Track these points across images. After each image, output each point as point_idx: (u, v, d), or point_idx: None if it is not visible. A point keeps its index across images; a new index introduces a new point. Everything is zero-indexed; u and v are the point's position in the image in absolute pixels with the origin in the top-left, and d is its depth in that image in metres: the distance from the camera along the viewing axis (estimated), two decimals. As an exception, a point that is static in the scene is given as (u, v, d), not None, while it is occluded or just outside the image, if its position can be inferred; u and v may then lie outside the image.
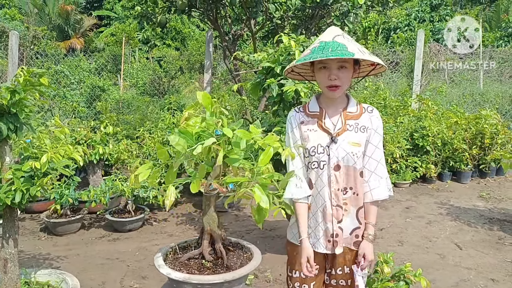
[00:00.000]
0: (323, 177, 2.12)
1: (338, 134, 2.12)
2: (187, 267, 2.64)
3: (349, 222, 2.15)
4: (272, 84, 3.83)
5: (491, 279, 3.89)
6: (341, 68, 2.03)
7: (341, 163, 2.10)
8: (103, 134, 5.61)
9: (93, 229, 5.18)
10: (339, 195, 2.12)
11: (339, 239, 2.14)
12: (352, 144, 2.10)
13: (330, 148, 2.11)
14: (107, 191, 4.80)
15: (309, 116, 2.20)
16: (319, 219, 2.14)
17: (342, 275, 2.20)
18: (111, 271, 4.12)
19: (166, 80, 12.90)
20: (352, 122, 2.13)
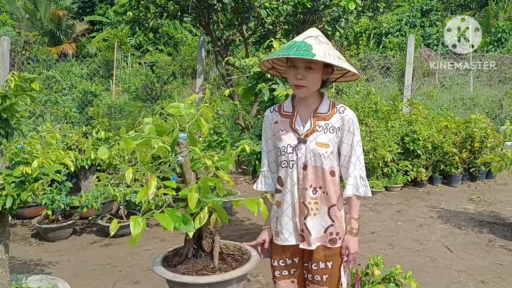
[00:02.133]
0: (293, 176, 2.20)
1: (306, 135, 2.17)
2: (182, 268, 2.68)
3: (320, 220, 2.21)
4: (263, 88, 3.85)
5: (481, 281, 3.93)
6: (308, 68, 2.08)
7: (308, 163, 2.17)
8: (95, 140, 5.60)
9: (85, 235, 5.17)
10: (305, 193, 2.19)
11: (306, 235, 2.20)
12: (319, 145, 2.15)
13: (299, 148, 2.18)
14: (98, 196, 4.80)
15: (283, 116, 2.27)
16: (290, 215, 2.23)
17: (318, 270, 2.24)
18: (102, 276, 4.12)
19: (159, 85, 12.91)
20: (322, 123, 2.18)
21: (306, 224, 2.20)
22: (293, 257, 2.31)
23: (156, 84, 12.93)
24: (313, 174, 2.18)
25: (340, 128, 2.18)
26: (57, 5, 22.40)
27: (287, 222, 2.25)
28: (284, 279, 2.35)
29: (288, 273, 2.34)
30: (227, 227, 5.34)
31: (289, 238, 2.25)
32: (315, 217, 2.20)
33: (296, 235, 2.25)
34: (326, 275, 2.24)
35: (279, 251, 2.33)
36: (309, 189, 2.19)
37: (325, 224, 2.21)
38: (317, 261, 2.24)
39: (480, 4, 23.47)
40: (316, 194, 2.19)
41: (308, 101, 2.22)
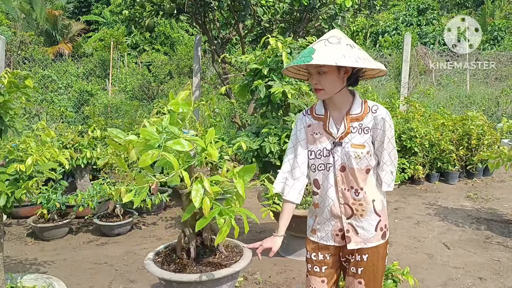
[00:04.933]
0: (330, 178, 2.21)
1: (341, 137, 2.17)
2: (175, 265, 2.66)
3: (369, 219, 2.22)
4: (259, 86, 3.84)
5: (479, 278, 3.92)
6: (320, 73, 2.08)
7: (346, 165, 2.17)
8: (91, 138, 5.57)
9: (81, 234, 5.14)
10: (347, 194, 2.19)
11: (352, 235, 2.22)
12: (355, 147, 2.14)
13: (335, 151, 2.18)
14: (95, 195, 4.77)
15: (315, 119, 2.26)
16: (327, 216, 2.25)
17: (353, 262, 2.27)
18: (99, 275, 4.09)
19: (155, 85, 12.86)
20: (356, 124, 2.16)
21: (352, 224, 2.22)
22: (325, 253, 2.32)
23: (152, 84, 12.89)
24: (351, 175, 2.17)
25: (373, 127, 2.15)
26: (53, 5, 22.33)
27: (324, 222, 2.28)
28: (315, 276, 2.35)
29: (319, 270, 2.34)
30: (224, 226, 5.31)
31: (325, 238, 2.29)
32: (363, 218, 2.21)
33: (332, 236, 2.27)
34: (361, 267, 2.24)
35: (312, 245, 2.35)
36: (351, 190, 2.19)
37: (375, 222, 2.22)
38: (352, 253, 2.26)
39: (476, 3, 23.52)
40: (359, 195, 2.19)
41: (338, 102, 2.19)
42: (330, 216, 2.25)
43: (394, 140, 2.19)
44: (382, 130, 2.13)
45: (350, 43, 2.05)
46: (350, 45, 2.05)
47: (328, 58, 1.96)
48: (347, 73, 2.12)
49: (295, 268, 4.17)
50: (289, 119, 3.83)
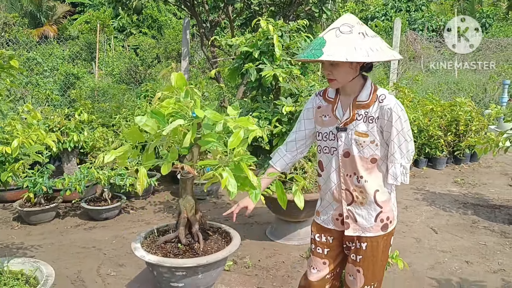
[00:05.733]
0: (333, 162, 2.23)
1: (346, 123, 2.16)
2: (163, 250, 2.60)
3: (368, 209, 2.21)
4: (250, 69, 3.79)
5: (466, 261, 3.97)
6: (332, 64, 2.06)
7: (350, 150, 2.17)
8: (78, 122, 5.49)
9: (68, 218, 5.08)
10: (348, 180, 2.20)
11: (351, 222, 2.24)
12: (358, 135, 2.14)
13: (339, 135, 2.18)
14: (82, 179, 4.71)
15: (326, 101, 2.27)
16: (329, 200, 2.29)
17: (353, 249, 2.28)
18: (87, 259, 4.06)
19: (143, 69, 12.69)
20: (362, 112, 2.14)
21: (352, 211, 2.23)
22: (327, 235, 2.35)
23: (140, 67, 12.71)
24: (355, 162, 2.16)
25: (379, 118, 2.12)
26: (37, -14, 21.82)
27: (327, 205, 2.32)
28: (317, 257, 2.39)
29: (321, 251, 2.37)
30: (213, 210, 5.30)
31: (326, 221, 2.33)
32: (363, 206, 2.21)
33: (333, 219, 2.30)
34: (360, 256, 2.25)
35: (316, 227, 2.40)
36: (353, 177, 2.19)
37: (374, 212, 2.21)
38: (352, 240, 2.28)
39: (465, -10, 23.50)
40: (360, 182, 2.18)
41: (349, 89, 2.17)
42: (332, 200, 2.28)
43: (410, 133, 2.14)
44: (388, 121, 2.10)
45: (362, 31, 2.01)
46: (363, 33, 2.00)
47: (338, 53, 1.93)
48: (360, 63, 2.09)
49: (284, 252, 4.18)
50: (279, 103, 3.80)
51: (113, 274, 3.78)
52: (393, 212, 2.27)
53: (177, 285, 2.58)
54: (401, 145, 2.12)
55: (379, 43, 2.01)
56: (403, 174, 2.16)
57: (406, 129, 2.12)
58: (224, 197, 5.76)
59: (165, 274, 2.53)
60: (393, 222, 2.28)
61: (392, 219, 2.27)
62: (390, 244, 2.32)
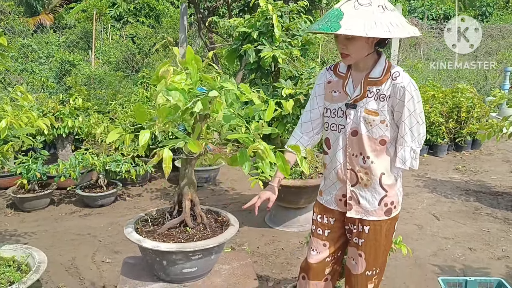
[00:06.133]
0: (340, 141, 2.13)
1: (356, 100, 2.05)
2: (171, 237, 2.46)
3: (373, 191, 2.12)
4: (249, 50, 3.67)
5: (469, 248, 3.89)
6: (348, 38, 1.93)
7: (358, 129, 2.06)
8: (72, 107, 5.37)
9: (63, 205, 4.98)
10: (354, 160, 2.10)
11: (354, 203, 2.15)
12: (368, 113, 2.03)
13: (348, 113, 2.08)
14: (77, 165, 4.60)
15: (337, 76, 2.16)
16: (333, 179, 2.19)
17: (356, 232, 2.19)
18: (81, 246, 3.97)
19: (140, 57, 12.54)
20: (374, 89, 2.03)
21: (355, 192, 2.14)
22: (329, 217, 2.26)
23: (137, 56, 12.56)
24: (362, 141, 2.06)
25: (391, 96, 2.00)
26: (33, -26, 21.53)
27: (330, 185, 2.23)
28: (317, 238, 2.30)
29: (322, 232, 2.29)
30: (211, 197, 5.21)
31: (329, 201, 2.24)
32: (367, 188, 2.12)
33: (336, 200, 2.21)
34: (362, 239, 2.17)
35: (318, 207, 2.31)
36: (359, 157, 2.09)
37: (379, 196, 2.12)
38: (354, 223, 2.19)
39: (465, -22, 23.30)
40: (366, 163, 2.08)
41: (361, 64, 2.06)
42: (336, 179, 2.19)
43: (423, 115, 2.03)
44: (400, 100, 1.98)
45: (382, 4, 1.88)
46: (382, 6, 1.88)
47: (357, 27, 1.81)
48: (376, 38, 1.97)
49: (283, 239, 4.09)
50: (279, 86, 3.68)
51: (108, 261, 3.70)
52: (398, 197, 2.18)
53: (190, 270, 2.47)
54: (413, 127, 2.02)
55: (399, 18, 1.90)
56: (413, 158, 2.06)
57: (419, 110, 2.01)
58: (222, 184, 5.66)
59: (179, 261, 2.40)
60: (397, 207, 2.18)
61: (397, 204, 2.17)
62: (394, 229, 2.23)
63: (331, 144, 2.17)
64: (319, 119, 2.25)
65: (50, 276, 3.46)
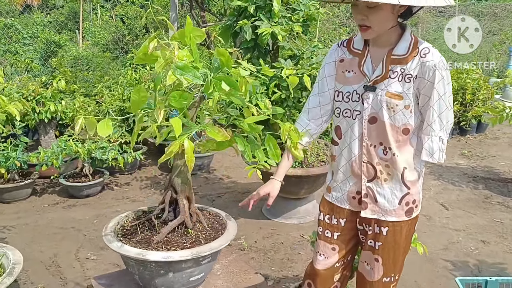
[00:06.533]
0: (355, 129, 1.83)
1: (376, 81, 1.74)
2: (173, 243, 2.12)
3: (393, 188, 1.82)
4: (245, 26, 3.33)
5: (482, 241, 3.62)
6: (370, 7, 1.61)
7: (377, 116, 1.75)
8: (55, 90, 5.00)
9: (46, 195, 4.66)
10: (373, 152, 1.80)
11: (369, 201, 1.85)
12: (390, 96, 1.72)
13: (366, 96, 1.77)
14: (59, 153, 4.26)
15: (351, 54, 1.83)
16: (346, 174, 1.90)
17: (371, 234, 1.90)
18: (64, 241, 3.66)
19: (130, 38, 12.10)
20: (398, 68, 1.72)
21: (372, 189, 1.84)
22: (339, 217, 1.97)
23: (127, 37, 12.11)
24: (381, 129, 1.76)
25: (418, 76, 1.70)
26: (19, -48, 20.81)
27: (342, 181, 1.92)
28: (325, 241, 2.00)
29: (330, 235, 1.99)
30: (205, 186, 4.90)
31: (340, 199, 1.95)
32: (386, 184, 1.83)
33: (348, 198, 1.92)
34: (379, 242, 1.87)
35: (326, 206, 2.01)
36: (379, 148, 1.79)
37: (400, 194, 1.82)
38: (370, 223, 1.89)
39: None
40: (387, 155, 1.78)
41: (383, 38, 1.74)
42: (350, 174, 1.89)
43: (452, 99, 1.72)
44: (429, 82, 1.68)
45: None
46: None
47: None
48: (404, 7, 1.65)
49: (283, 231, 3.80)
50: (278, 66, 3.34)
51: (93, 258, 3.40)
52: (419, 195, 1.88)
53: (198, 277, 2.16)
54: (442, 113, 1.72)
55: None
56: (441, 150, 1.76)
57: (449, 93, 1.71)
58: (216, 172, 5.35)
59: (189, 269, 2.08)
60: (418, 207, 1.89)
61: (418, 203, 1.88)
62: (414, 230, 1.94)
63: (343, 133, 1.88)
64: (329, 104, 1.94)
65: (29, 276, 3.16)
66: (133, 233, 2.21)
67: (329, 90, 1.92)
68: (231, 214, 3.98)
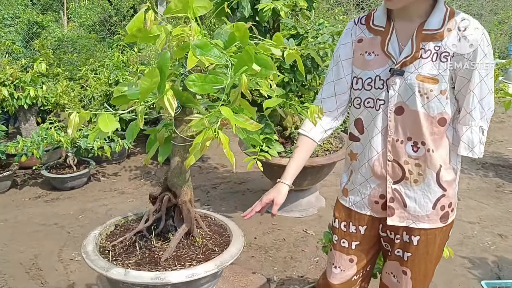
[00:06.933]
0: (378, 122, 1.53)
1: (405, 63, 1.44)
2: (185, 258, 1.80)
3: (425, 190, 1.53)
4: (243, 1, 2.98)
5: (499, 235, 3.37)
6: None
7: (406, 105, 1.46)
8: (35, 74, 4.63)
9: (27, 188, 4.32)
10: (400, 148, 1.51)
11: (397, 206, 1.56)
12: (423, 80, 1.42)
13: (392, 82, 1.46)
14: (40, 142, 3.92)
15: (372, 32, 1.53)
16: (366, 174, 1.61)
17: (399, 243, 1.62)
18: (47, 240, 3.35)
19: (117, 19, 11.64)
20: (431, 46, 1.42)
21: (400, 192, 1.56)
22: (358, 224, 1.68)
23: (114, 18, 11.65)
24: (411, 121, 1.48)
25: (455, 54, 1.39)
26: None
27: (361, 183, 1.63)
28: (341, 252, 1.73)
29: (348, 245, 1.71)
30: (198, 176, 4.59)
31: (359, 204, 1.66)
32: (417, 186, 1.54)
33: (370, 202, 1.63)
34: (409, 253, 1.59)
35: (342, 211, 1.73)
36: (407, 143, 1.51)
37: (434, 196, 1.53)
38: (397, 231, 1.62)
39: None
40: (418, 152, 1.50)
41: (412, 11, 1.44)
42: (371, 175, 1.59)
43: (493, 81, 1.42)
44: (470, 61, 1.38)
45: None
46: None
47: None
48: None
49: (284, 226, 3.52)
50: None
51: (78, 259, 3.09)
52: (456, 197, 1.61)
53: None
54: (483, 98, 1.43)
55: None
56: (481, 143, 1.49)
57: (491, 75, 1.42)
58: (211, 160, 5.03)
59: (206, 283, 1.78)
60: (454, 211, 1.61)
61: (454, 206, 1.60)
62: (448, 237, 1.66)
63: (365, 127, 1.58)
64: (346, 93, 1.64)
65: (6, 280, 2.86)
66: (124, 252, 1.85)
67: (346, 76, 1.61)
68: (228, 206, 3.70)
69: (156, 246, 1.83)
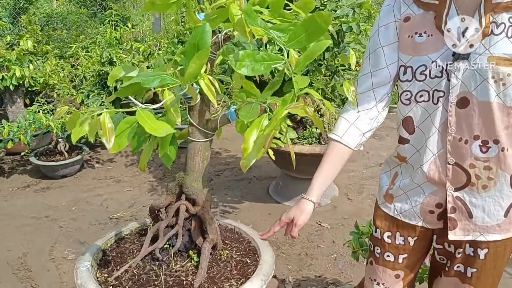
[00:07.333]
0: (436, 118, 1.22)
1: (471, 44, 1.13)
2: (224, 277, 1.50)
3: (497, 197, 1.24)
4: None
5: None
6: None
7: (472, 96, 1.15)
8: (21, 52, 4.26)
9: (16, 176, 4.00)
10: (463, 148, 1.21)
11: (459, 217, 1.27)
12: (498, 62, 1.10)
13: (453, 68, 1.15)
14: (27, 127, 3.59)
15: (421, 7, 1.20)
16: (419, 180, 1.31)
17: (461, 258, 1.34)
18: (37, 235, 3.06)
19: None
20: (505, 18, 1.11)
21: (464, 200, 1.26)
22: (408, 235, 1.39)
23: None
24: (480, 115, 1.16)
25: None
26: None
27: (412, 189, 1.33)
28: (385, 267, 1.44)
29: (393, 259, 1.43)
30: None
31: (408, 213, 1.36)
32: (485, 192, 1.24)
33: (423, 212, 1.33)
34: (474, 269, 1.31)
35: (385, 220, 1.43)
36: (473, 143, 1.19)
37: (507, 202, 1.24)
38: (460, 245, 1.32)
39: None
40: (489, 152, 1.19)
41: None
42: (424, 180, 1.30)
43: None
44: None
45: None
46: None
47: None
48: None
49: (296, 218, 3.23)
50: (294, 20, 2.69)
51: (71, 258, 2.81)
52: None
53: None
54: None
55: None
56: None
57: None
58: (213, 145, 4.70)
59: None
60: None
61: None
62: None
63: (417, 125, 1.28)
64: (387, 85, 1.33)
65: (-8, 283, 2.58)
66: (137, 285, 1.48)
67: (388, 66, 1.30)
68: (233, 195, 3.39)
69: (177, 270, 1.51)
